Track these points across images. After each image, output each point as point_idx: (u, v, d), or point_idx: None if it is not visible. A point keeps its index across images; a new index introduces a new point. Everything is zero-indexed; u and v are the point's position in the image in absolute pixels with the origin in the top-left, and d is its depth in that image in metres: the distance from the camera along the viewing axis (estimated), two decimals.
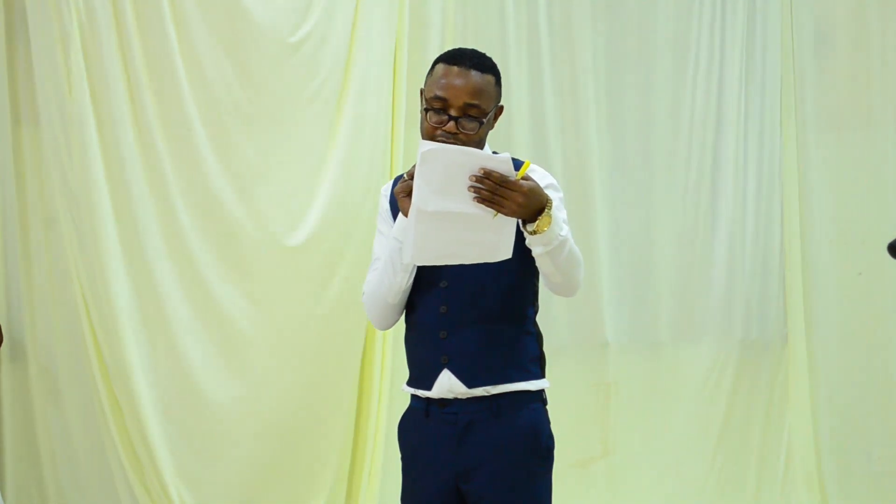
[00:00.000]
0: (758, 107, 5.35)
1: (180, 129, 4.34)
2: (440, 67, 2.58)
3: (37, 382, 4.40)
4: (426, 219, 2.35)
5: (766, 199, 5.37)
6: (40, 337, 4.40)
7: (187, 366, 4.39)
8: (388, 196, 2.72)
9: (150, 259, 4.30)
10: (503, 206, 2.34)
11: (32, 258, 4.40)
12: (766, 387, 5.37)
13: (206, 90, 4.37)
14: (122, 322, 4.26)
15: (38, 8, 4.25)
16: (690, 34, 5.27)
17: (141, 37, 4.28)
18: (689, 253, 5.28)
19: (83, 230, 4.27)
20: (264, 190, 4.47)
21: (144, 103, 4.28)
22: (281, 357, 4.52)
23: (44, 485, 4.41)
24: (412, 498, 2.71)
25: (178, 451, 4.36)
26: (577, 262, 2.52)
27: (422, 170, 2.32)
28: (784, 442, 5.35)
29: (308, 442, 4.56)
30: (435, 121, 2.53)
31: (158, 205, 4.33)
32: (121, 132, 4.25)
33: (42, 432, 4.41)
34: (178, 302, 4.37)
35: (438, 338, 2.61)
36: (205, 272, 4.41)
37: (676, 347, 5.28)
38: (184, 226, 4.37)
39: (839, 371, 5.39)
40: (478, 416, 2.60)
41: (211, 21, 4.38)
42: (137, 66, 4.27)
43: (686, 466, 5.22)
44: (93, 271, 4.27)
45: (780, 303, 5.39)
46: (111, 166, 4.26)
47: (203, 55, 4.36)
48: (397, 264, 2.59)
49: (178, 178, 4.35)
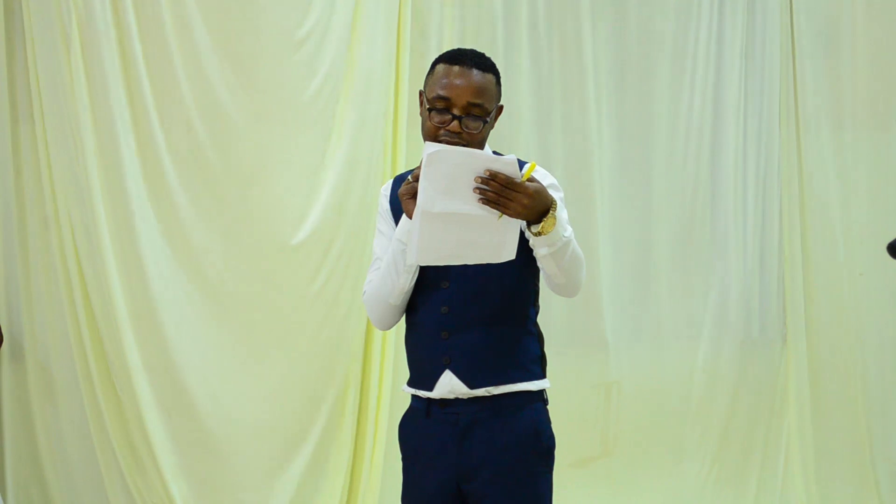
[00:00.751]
0: (757, 106, 5.35)
1: (180, 128, 4.34)
2: (441, 67, 2.57)
3: (35, 382, 4.40)
4: (431, 220, 2.35)
5: (765, 199, 5.37)
6: (38, 336, 4.40)
7: (186, 365, 4.39)
8: (388, 196, 2.72)
9: (146, 258, 4.31)
10: (508, 207, 2.34)
11: (30, 257, 4.40)
12: (766, 386, 5.37)
13: (206, 90, 4.37)
14: (121, 321, 4.26)
15: (39, 8, 4.25)
16: (691, 34, 5.27)
17: (141, 37, 4.28)
18: (689, 253, 5.28)
19: (83, 230, 4.27)
20: (265, 189, 4.47)
21: (145, 102, 4.28)
22: (282, 357, 4.52)
23: (43, 484, 4.42)
24: (413, 498, 2.70)
25: (177, 451, 4.37)
26: (579, 263, 2.52)
27: (427, 171, 2.31)
28: (784, 441, 5.35)
29: (308, 442, 4.56)
30: (438, 121, 2.53)
31: (158, 204, 4.33)
32: (119, 131, 4.25)
33: (41, 432, 4.41)
34: (173, 302, 4.37)
35: (440, 338, 2.61)
36: (206, 272, 4.42)
37: (676, 347, 5.28)
38: (185, 225, 4.37)
39: (838, 371, 5.39)
40: (479, 416, 2.60)
41: (211, 22, 4.38)
42: (138, 65, 4.27)
43: (686, 466, 5.22)
44: (93, 271, 4.28)
45: (779, 303, 5.39)
46: (108, 166, 4.26)
47: (203, 56, 4.36)
48: (400, 266, 2.59)
49: (178, 178, 4.35)
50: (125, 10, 4.25)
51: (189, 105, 4.34)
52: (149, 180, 4.30)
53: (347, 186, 4.56)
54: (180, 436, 4.38)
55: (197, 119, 4.36)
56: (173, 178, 4.33)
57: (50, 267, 4.40)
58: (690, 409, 5.25)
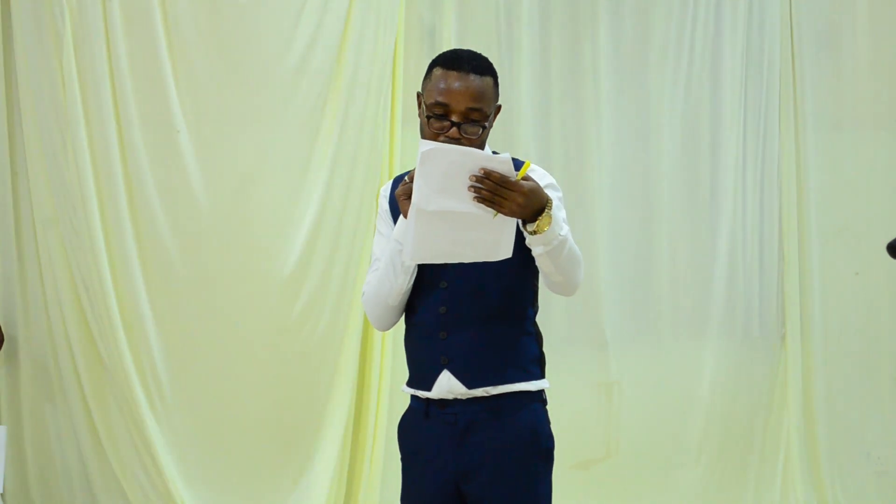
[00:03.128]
0: (757, 106, 5.35)
1: (167, 130, 4.34)
2: (438, 72, 2.55)
3: (32, 382, 4.40)
4: (426, 218, 2.34)
5: (764, 199, 5.37)
6: (34, 337, 4.41)
7: (179, 367, 4.39)
8: (388, 197, 2.71)
9: (138, 259, 4.32)
10: (503, 206, 2.33)
11: (26, 258, 4.41)
12: (766, 386, 5.37)
13: (196, 92, 4.37)
14: (115, 321, 4.27)
15: (32, 9, 4.25)
16: (690, 34, 5.26)
17: (128, 39, 4.29)
18: (689, 252, 5.28)
19: (78, 230, 4.28)
20: (256, 192, 4.47)
21: (128, 104, 4.28)
22: (279, 357, 4.52)
23: (43, 484, 4.41)
24: (412, 498, 2.70)
25: (172, 452, 4.37)
26: (577, 262, 2.51)
27: (422, 169, 2.31)
28: (783, 441, 5.34)
29: (306, 442, 4.56)
30: (437, 127, 2.52)
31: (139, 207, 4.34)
32: (108, 133, 4.25)
33: (38, 431, 4.42)
34: (167, 303, 4.37)
35: (438, 338, 2.61)
36: (199, 274, 4.42)
37: (676, 347, 5.28)
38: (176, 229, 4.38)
39: (837, 370, 5.39)
40: (478, 416, 2.59)
41: (202, 24, 4.37)
42: (122, 67, 4.27)
43: (686, 466, 5.22)
44: (88, 271, 4.28)
45: (778, 302, 5.39)
46: (99, 167, 4.27)
47: (194, 58, 4.36)
48: (398, 266, 2.59)
49: (159, 180, 4.35)
50: (114, 12, 4.25)
51: (175, 106, 4.34)
52: (128, 182, 4.30)
53: (340, 189, 4.55)
54: (176, 436, 4.39)
55: (184, 121, 4.36)
56: (153, 179, 4.33)
57: (45, 268, 4.41)
58: (690, 409, 5.25)
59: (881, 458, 5.38)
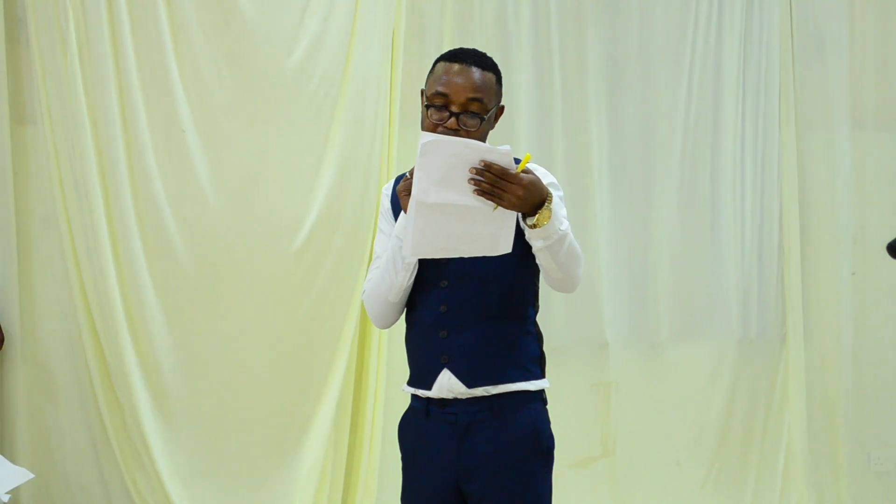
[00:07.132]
0: (757, 106, 5.34)
1: (173, 130, 4.34)
2: (441, 65, 2.58)
3: (35, 382, 4.40)
4: (426, 211, 2.34)
5: (765, 199, 5.37)
6: (38, 336, 4.41)
7: (183, 366, 4.39)
8: (390, 195, 2.72)
9: (144, 258, 4.32)
10: (503, 198, 2.33)
11: (30, 258, 4.41)
12: (765, 386, 5.36)
13: (202, 91, 4.37)
14: (119, 321, 4.27)
15: (39, 9, 4.26)
16: (690, 34, 5.26)
17: (134, 37, 4.29)
18: (689, 253, 5.27)
19: (83, 230, 4.28)
20: (261, 191, 4.47)
21: (134, 104, 4.28)
22: (279, 357, 4.51)
23: (43, 484, 4.41)
24: (412, 498, 2.70)
25: (175, 451, 4.37)
26: (577, 258, 2.51)
27: (422, 161, 2.31)
28: (783, 441, 5.34)
29: (305, 442, 4.55)
30: (436, 118, 2.53)
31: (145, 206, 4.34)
32: (114, 132, 4.25)
33: (40, 431, 4.42)
34: (171, 303, 4.37)
35: (438, 337, 2.61)
36: (203, 274, 4.42)
37: (676, 347, 5.27)
38: (182, 228, 4.37)
39: (837, 370, 5.39)
40: (478, 416, 2.59)
41: (208, 23, 4.38)
42: (128, 66, 4.27)
43: (686, 466, 5.22)
44: (93, 271, 4.28)
45: (778, 302, 5.38)
46: (104, 167, 4.27)
47: (199, 56, 4.36)
48: (398, 263, 2.59)
49: (164, 179, 4.35)
50: (120, 12, 4.25)
51: (183, 106, 4.34)
52: (133, 181, 4.30)
53: (344, 188, 4.55)
54: (178, 436, 4.38)
55: (192, 121, 4.36)
56: (160, 179, 4.33)
57: (49, 267, 4.41)
58: (689, 409, 5.25)
59: (881, 458, 5.38)
